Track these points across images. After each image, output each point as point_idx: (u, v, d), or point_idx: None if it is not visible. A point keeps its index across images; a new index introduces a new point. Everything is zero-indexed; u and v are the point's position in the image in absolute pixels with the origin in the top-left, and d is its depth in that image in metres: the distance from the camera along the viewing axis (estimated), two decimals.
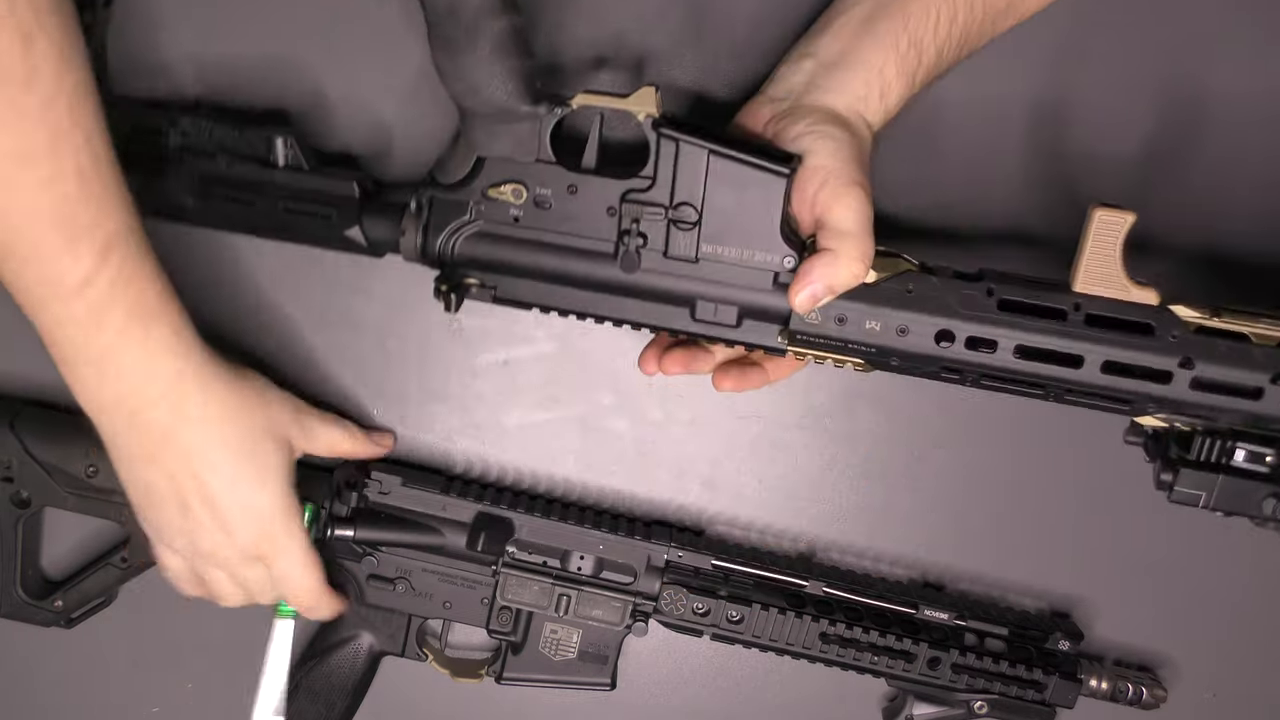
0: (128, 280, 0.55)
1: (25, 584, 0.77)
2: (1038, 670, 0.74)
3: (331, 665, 0.76)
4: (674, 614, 0.74)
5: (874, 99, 0.62)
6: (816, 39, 0.65)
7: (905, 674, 0.74)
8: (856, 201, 0.59)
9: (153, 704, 0.84)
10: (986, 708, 0.74)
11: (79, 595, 0.78)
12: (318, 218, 0.66)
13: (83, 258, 0.52)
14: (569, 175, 0.62)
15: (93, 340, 0.55)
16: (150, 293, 0.56)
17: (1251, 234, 0.72)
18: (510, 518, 0.74)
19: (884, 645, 0.73)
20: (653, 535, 0.74)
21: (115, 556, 0.77)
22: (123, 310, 0.55)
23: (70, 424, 0.72)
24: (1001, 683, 0.74)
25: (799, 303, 0.60)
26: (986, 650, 0.74)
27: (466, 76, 0.60)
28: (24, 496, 0.75)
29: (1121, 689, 0.75)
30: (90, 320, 0.54)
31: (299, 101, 0.72)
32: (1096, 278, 0.60)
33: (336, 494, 0.73)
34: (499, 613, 0.74)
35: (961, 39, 0.63)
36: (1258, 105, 0.70)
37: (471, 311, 0.75)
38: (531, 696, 0.80)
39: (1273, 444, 0.62)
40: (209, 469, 0.62)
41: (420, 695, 0.82)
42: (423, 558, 0.74)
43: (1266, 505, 0.63)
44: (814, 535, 0.79)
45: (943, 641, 0.74)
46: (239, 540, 0.64)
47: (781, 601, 0.74)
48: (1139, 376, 0.61)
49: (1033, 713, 0.74)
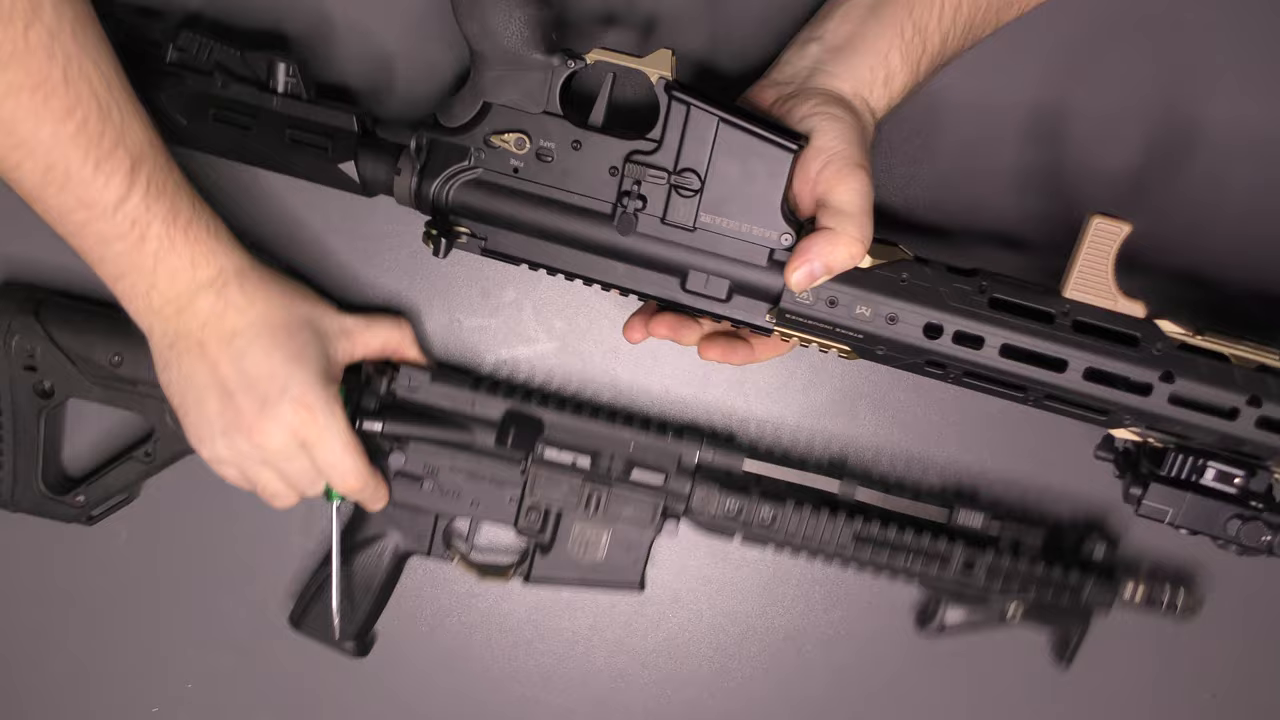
0: (160, 190, 0.58)
1: (47, 479, 0.75)
2: (1074, 572, 0.72)
3: (357, 564, 0.75)
4: (705, 514, 0.72)
5: (879, 85, 0.63)
6: (823, 23, 0.65)
7: (940, 577, 0.72)
8: (859, 183, 0.59)
9: (173, 605, 0.81)
10: (1021, 611, 0.73)
11: (101, 490, 0.76)
12: (313, 148, 0.65)
13: (114, 176, 0.56)
14: (574, 130, 0.62)
15: (139, 252, 0.59)
16: (182, 200, 0.60)
17: (1233, 262, 0.73)
18: (540, 416, 0.72)
19: (919, 547, 0.72)
20: (684, 436, 0.73)
21: (139, 450, 0.75)
22: (160, 220, 0.59)
23: (96, 314, 0.72)
24: (1037, 586, 0.72)
25: (795, 280, 0.60)
26: (1023, 553, 0.73)
27: (483, 18, 0.59)
28: (47, 387, 0.73)
29: (1158, 595, 0.73)
30: (133, 233, 0.58)
31: (301, 28, 0.71)
32: (1087, 285, 0.61)
33: (365, 386, 0.72)
34: (527, 512, 0.73)
35: (966, 27, 0.64)
36: (1250, 132, 0.72)
37: (472, 312, 0.76)
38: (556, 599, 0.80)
39: (1243, 466, 0.63)
40: (250, 347, 0.63)
41: (447, 597, 0.81)
42: (451, 455, 0.72)
43: (1230, 527, 0.64)
44: (846, 439, 0.78)
45: (978, 544, 0.72)
46: (280, 424, 0.64)
47: (815, 502, 0.72)
48: (1120, 387, 0.61)
49: (1068, 616, 0.73)
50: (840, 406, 0.77)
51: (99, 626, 0.81)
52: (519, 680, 0.81)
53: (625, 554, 0.74)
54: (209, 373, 0.63)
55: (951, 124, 0.72)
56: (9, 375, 0.73)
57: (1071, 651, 0.74)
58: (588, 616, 0.81)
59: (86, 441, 0.79)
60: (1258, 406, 0.61)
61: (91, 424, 0.78)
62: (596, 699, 0.82)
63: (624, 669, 0.81)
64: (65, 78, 0.53)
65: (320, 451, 0.66)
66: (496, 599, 0.81)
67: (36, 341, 0.72)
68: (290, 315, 0.65)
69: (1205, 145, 0.72)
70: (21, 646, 0.81)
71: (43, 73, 0.52)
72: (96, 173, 0.55)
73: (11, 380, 0.73)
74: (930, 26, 0.63)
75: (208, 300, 0.62)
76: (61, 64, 0.53)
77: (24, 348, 0.72)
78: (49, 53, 0.52)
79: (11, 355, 0.72)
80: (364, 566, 0.75)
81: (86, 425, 0.78)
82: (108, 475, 0.76)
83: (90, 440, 0.79)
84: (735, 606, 0.81)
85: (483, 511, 0.73)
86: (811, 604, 0.80)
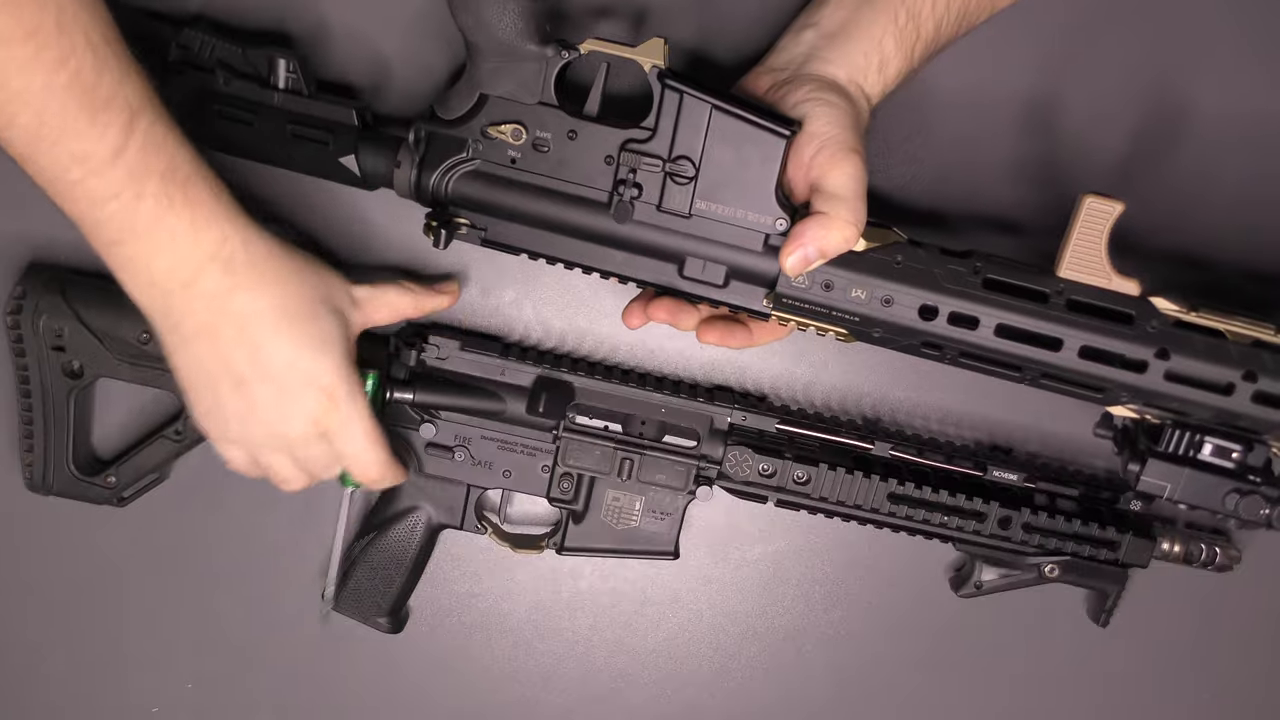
0: (158, 146, 0.56)
1: (77, 460, 0.75)
2: (1111, 529, 0.72)
3: (390, 539, 0.75)
4: (739, 477, 0.72)
5: (873, 71, 0.63)
6: (818, 10, 0.66)
7: (975, 536, 0.72)
8: (852, 167, 0.60)
9: (173, 605, 0.81)
10: (1058, 570, 0.72)
11: (132, 470, 0.75)
12: (314, 143, 0.66)
13: (110, 128, 0.53)
14: (570, 120, 0.62)
15: (135, 211, 0.56)
16: (181, 158, 0.57)
17: (1225, 244, 0.73)
18: (571, 381, 0.72)
19: (954, 505, 0.71)
20: (715, 398, 0.73)
21: (169, 429, 0.75)
22: (158, 176, 0.56)
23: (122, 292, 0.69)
24: (1075, 542, 0.72)
25: (790, 264, 0.60)
26: (1059, 509, 0.72)
27: (478, 10, 0.60)
28: (76, 367, 0.73)
29: (1195, 550, 0.73)
30: (129, 190, 0.55)
31: (299, 27, 0.71)
32: (1081, 264, 0.61)
33: (395, 356, 0.72)
34: (560, 480, 0.73)
35: (960, 14, 0.65)
36: (1241, 118, 0.72)
37: (472, 312, 0.76)
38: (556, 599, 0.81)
39: (1240, 440, 0.63)
40: (267, 335, 0.61)
41: (447, 597, 0.81)
42: (482, 424, 0.72)
43: (1229, 501, 0.64)
44: (878, 398, 0.77)
45: (1013, 501, 0.72)
46: (301, 412, 0.63)
47: (849, 463, 0.72)
48: (1115, 364, 0.62)
49: (1105, 574, 0.73)
50: (871, 366, 0.77)
51: (99, 627, 0.81)
52: (519, 680, 0.82)
53: (659, 521, 0.73)
54: (221, 362, 0.61)
55: (945, 117, 0.73)
56: (38, 356, 0.72)
57: (1109, 611, 0.74)
58: (588, 616, 0.81)
59: (114, 422, 0.78)
60: (1254, 381, 0.61)
61: (118, 404, 0.78)
62: (596, 699, 0.82)
63: (624, 669, 0.82)
64: (58, 26, 0.51)
65: (342, 441, 0.65)
66: (497, 599, 0.81)
67: (64, 321, 0.71)
68: (305, 296, 0.62)
69: (1196, 132, 0.72)
70: (21, 647, 0.81)
71: (34, 21, 0.50)
72: (92, 125, 0.53)
73: (40, 361, 0.72)
74: (924, 13, 0.63)
75: (214, 276, 0.59)
76: (54, 12, 0.50)
77: (52, 327, 0.71)
78: (41, 1, 0.50)
79: (40, 335, 0.71)
80: (396, 541, 0.75)
81: (114, 405, 0.78)
82: (139, 455, 0.75)
83: (118, 420, 0.78)
84: (735, 606, 0.81)
85: (515, 482, 0.73)
86: (811, 604, 0.81)
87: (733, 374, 0.77)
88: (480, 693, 0.82)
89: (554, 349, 0.77)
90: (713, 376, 0.77)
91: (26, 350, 0.72)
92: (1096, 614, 0.76)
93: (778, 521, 0.79)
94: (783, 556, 0.79)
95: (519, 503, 0.78)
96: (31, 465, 0.74)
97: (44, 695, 0.82)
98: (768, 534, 0.80)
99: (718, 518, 0.80)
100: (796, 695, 0.82)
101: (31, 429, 0.74)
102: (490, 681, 0.82)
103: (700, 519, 0.80)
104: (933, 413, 0.77)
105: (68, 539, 0.80)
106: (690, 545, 0.79)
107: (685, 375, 0.77)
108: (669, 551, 0.74)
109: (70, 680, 0.82)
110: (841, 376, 0.77)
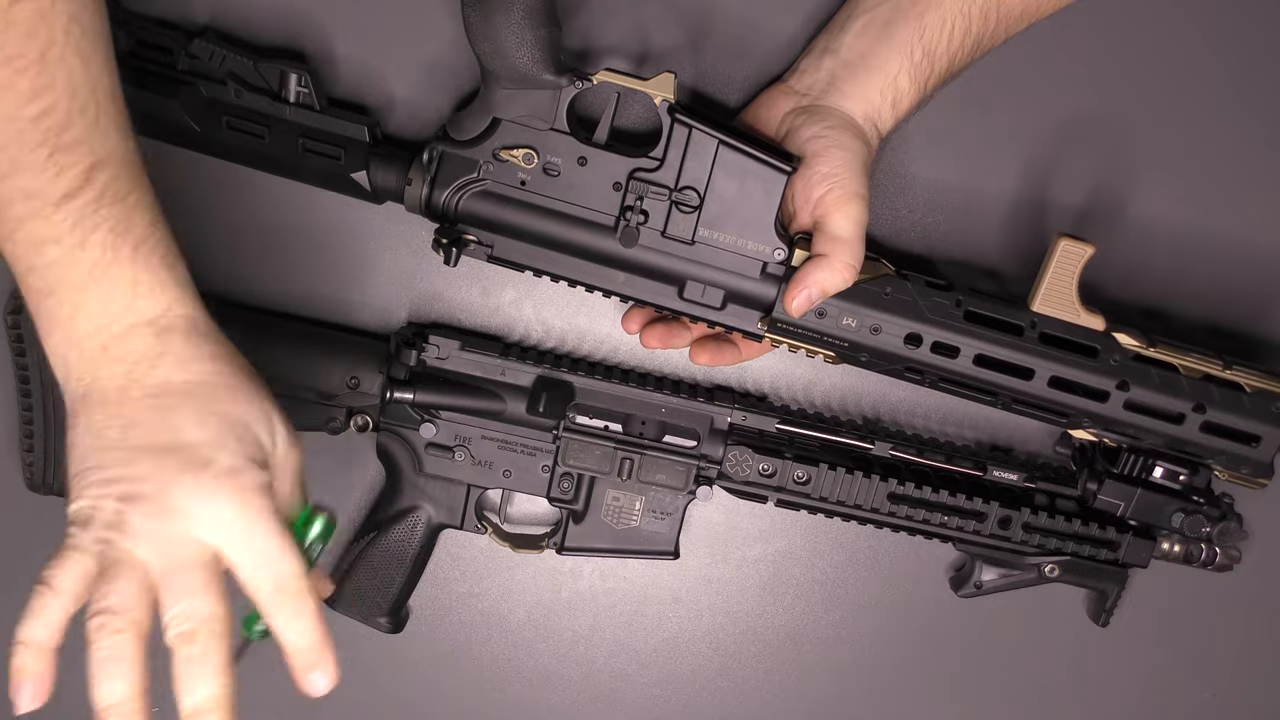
0: (114, 199, 0.53)
1: None
2: (1111, 529, 0.73)
3: (390, 539, 0.75)
4: (739, 476, 0.73)
5: (887, 108, 0.67)
6: (839, 36, 0.68)
7: (975, 536, 0.73)
8: (856, 212, 0.63)
9: None
10: (1057, 570, 0.73)
11: None
12: (325, 158, 0.67)
13: (66, 171, 0.51)
14: (580, 147, 0.65)
15: (74, 260, 0.52)
16: (138, 218, 0.54)
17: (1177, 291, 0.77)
18: (571, 381, 0.73)
19: (954, 505, 0.72)
20: (715, 398, 0.74)
21: None
22: (108, 228, 0.53)
23: None
24: (1075, 542, 0.73)
25: (795, 306, 0.64)
26: (1059, 509, 0.73)
27: (496, 38, 0.62)
28: None
29: (1195, 550, 0.73)
30: (72, 236, 0.52)
31: (308, 48, 0.71)
32: (1053, 300, 0.66)
33: (395, 355, 0.73)
34: (560, 479, 0.74)
35: (974, 47, 0.67)
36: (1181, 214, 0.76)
37: (472, 312, 0.77)
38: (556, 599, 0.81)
39: (1187, 465, 0.70)
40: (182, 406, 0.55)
41: (447, 597, 0.81)
42: (482, 424, 0.73)
43: (1175, 519, 0.70)
44: (878, 398, 0.78)
45: (1013, 501, 0.73)
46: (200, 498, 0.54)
47: (849, 463, 0.73)
48: (1080, 394, 0.67)
49: (1105, 574, 0.74)
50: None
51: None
52: (519, 680, 0.82)
53: (659, 521, 0.74)
54: (120, 431, 0.54)
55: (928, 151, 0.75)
56: (38, 356, 0.71)
57: (1109, 611, 0.75)
58: (588, 616, 0.82)
59: None
60: (1202, 413, 0.67)
61: None
62: (596, 699, 0.83)
63: (624, 669, 0.83)
64: (41, 60, 0.49)
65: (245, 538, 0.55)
66: (497, 599, 0.82)
67: None
68: (240, 385, 0.57)
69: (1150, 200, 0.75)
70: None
71: (18, 48, 0.49)
72: (48, 162, 0.50)
73: (40, 361, 0.71)
74: (939, 50, 0.66)
75: (144, 339, 0.54)
76: (41, 46, 0.49)
77: None
78: (31, 31, 0.49)
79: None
80: (396, 541, 0.75)
81: None
82: None
83: None
84: (735, 606, 0.82)
85: (515, 482, 0.74)
86: (811, 604, 0.81)
87: (733, 374, 0.78)
88: (480, 693, 0.82)
89: (554, 349, 0.77)
90: (713, 376, 0.78)
91: (26, 350, 0.72)
92: (1096, 614, 0.77)
93: (778, 521, 0.80)
94: (783, 556, 0.80)
95: (519, 503, 0.79)
96: (32, 465, 0.74)
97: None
98: (768, 534, 0.81)
99: (718, 518, 0.81)
100: (796, 695, 0.83)
101: (31, 429, 0.73)
102: (490, 681, 0.82)
103: (700, 519, 0.81)
104: (933, 413, 0.79)
105: None
106: (690, 545, 0.80)
107: (685, 375, 0.78)
108: (669, 551, 0.75)
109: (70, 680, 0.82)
110: (842, 376, 0.78)
